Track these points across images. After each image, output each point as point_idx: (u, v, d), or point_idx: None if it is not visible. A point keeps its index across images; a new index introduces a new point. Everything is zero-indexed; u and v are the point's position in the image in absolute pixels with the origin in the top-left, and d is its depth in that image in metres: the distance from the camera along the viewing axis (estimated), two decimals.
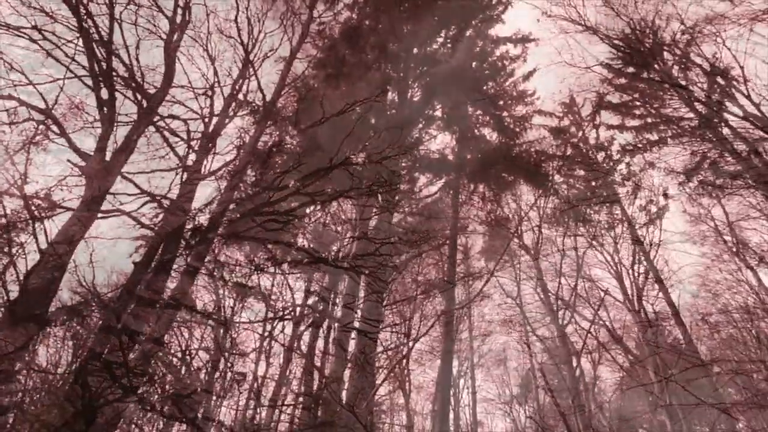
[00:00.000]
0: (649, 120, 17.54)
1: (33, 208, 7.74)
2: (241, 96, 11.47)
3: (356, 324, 10.65)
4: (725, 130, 14.36)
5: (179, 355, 11.62)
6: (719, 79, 15.13)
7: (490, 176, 11.38)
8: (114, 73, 8.82)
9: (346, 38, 11.57)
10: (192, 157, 10.12)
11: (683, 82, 15.42)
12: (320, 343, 15.50)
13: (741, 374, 29.66)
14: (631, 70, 17.72)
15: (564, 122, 20.85)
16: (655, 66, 15.28)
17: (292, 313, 12.05)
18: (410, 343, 18.41)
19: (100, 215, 8.02)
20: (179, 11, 10.57)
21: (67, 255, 6.95)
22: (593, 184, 19.04)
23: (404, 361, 19.36)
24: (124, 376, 6.44)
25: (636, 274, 19.06)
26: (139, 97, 9.29)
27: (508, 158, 10.66)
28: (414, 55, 12.12)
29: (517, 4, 14.93)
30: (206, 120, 10.71)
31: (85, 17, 8.50)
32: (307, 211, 10.24)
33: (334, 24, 13.81)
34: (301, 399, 13.87)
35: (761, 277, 21.98)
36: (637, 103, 17.79)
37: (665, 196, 18.55)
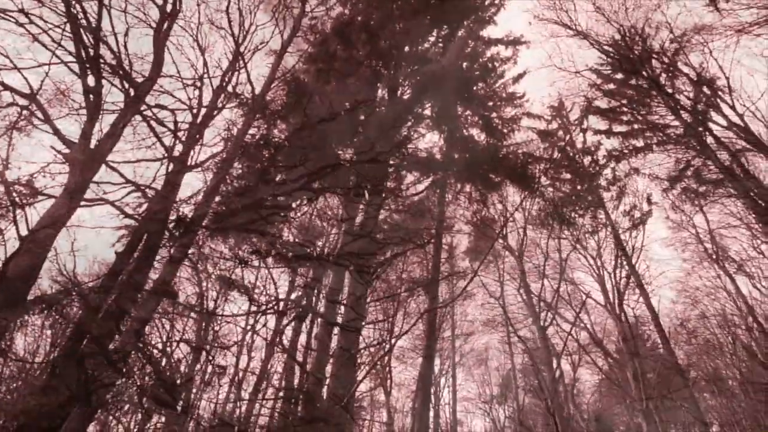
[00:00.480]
0: (635, 126, 17.74)
1: (14, 194, 7.64)
2: (230, 88, 11.39)
3: (339, 319, 10.66)
4: (709, 139, 14.60)
5: (159, 346, 11.53)
6: (705, 89, 15.35)
7: (477, 176, 11.42)
8: (101, 60, 8.72)
9: (338, 34, 11.53)
10: (179, 147, 10.05)
11: (670, 90, 15.62)
12: (303, 338, 15.52)
13: (717, 379, 30.22)
14: (619, 76, 17.92)
15: (552, 125, 21.06)
16: (644, 73, 15.45)
17: (276, 307, 12.02)
18: (393, 340, 18.48)
19: (83, 203, 7.93)
20: (170, 0, 10.46)
21: (47, 243, 6.86)
22: (579, 187, 19.22)
23: (386, 357, 19.43)
24: (120, 360, 6.41)
25: (618, 278, 19.30)
26: (126, 85, 9.19)
27: (496, 159, 10.70)
28: (405, 53, 12.12)
29: (509, 7, 15.01)
30: (194, 111, 10.63)
31: (73, 2, 8.39)
32: (294, 205, 10.22)
33: (326, 19, 13.78)
34: (281, 393, 13.86)
35: (739, 284, 22.36)
36: (625, 109, 17.99)
37: (649, 202, 18.81)
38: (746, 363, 27.54)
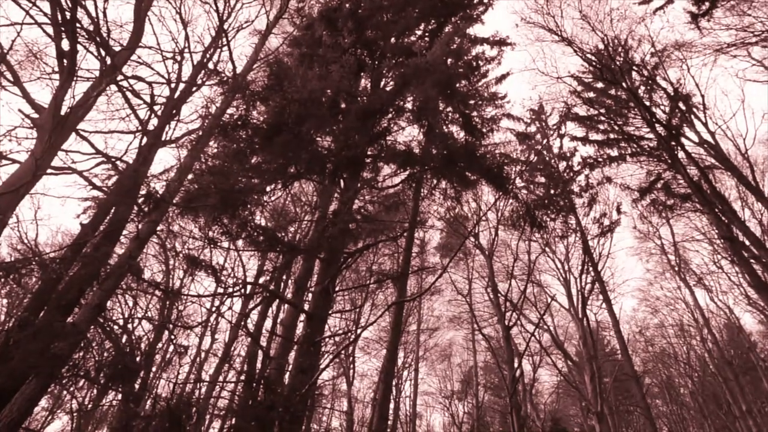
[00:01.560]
0: (611, 136, 18.05)
1: None
2: (211, 65, 11.18)
3: (306, 306, 10.60)
4: (681, 154, 14.94)
5: (121, 322, 11.32)
6: (681, 104, 15.71)
7: (453, 173, 11.44)
8: (78, 25, 8.43)
9: (325, 19, 11.38)
10: (154, 121, 9.83)
11: (647, 103, 15.93)
12: (268, 323, 15.42)
13: (669, 387, 31.17)
14: (599, 85, 18.20)
15: (531, 128, 21.28)
16: (623, 84, 15.71)
17: (243, 290, 11.90)
18: (358, 331, 18.53)
19: (49, 171, 7.71)
20: None
21: (9, 209, 6.64)
22: (552, 192, 19.48)
23: (351, 347, 19.46)
24: (78, 333, 6.26)
25: (583, 283, 19.67)
26: (103, 53, 8.92)
27: (473, 157, 10.73)
28: (391, 45, 12.05)
29: (497, 8, 15.06)
30: (172, 85, 10.41)
31: None
32: (268, 188, 10.10)
33: (314, 3, 13.58)
34: (243, 377, 13.75)
35: (698, 297, 23.12)
36: (602, 118, 18.27)
37: (618, 211, 19.17)
38: (698, 373, 28.55)
